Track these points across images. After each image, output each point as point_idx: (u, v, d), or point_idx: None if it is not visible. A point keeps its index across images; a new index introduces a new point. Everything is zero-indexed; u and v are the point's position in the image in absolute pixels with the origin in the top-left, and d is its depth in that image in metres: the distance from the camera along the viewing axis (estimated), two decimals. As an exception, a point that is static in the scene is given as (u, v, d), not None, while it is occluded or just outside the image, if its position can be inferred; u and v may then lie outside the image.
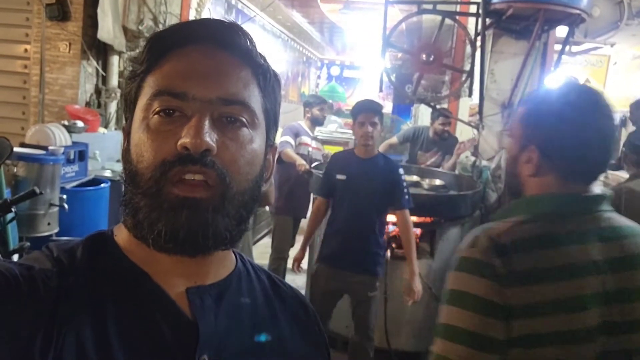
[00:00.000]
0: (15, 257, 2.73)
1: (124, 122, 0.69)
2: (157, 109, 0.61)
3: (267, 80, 0.67)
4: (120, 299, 0.60)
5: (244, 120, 0.63)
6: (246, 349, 0.66)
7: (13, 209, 2.24)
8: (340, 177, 3.02)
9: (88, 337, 0.55)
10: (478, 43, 3.94)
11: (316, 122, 4.75)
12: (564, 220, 1.08)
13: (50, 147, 3.41)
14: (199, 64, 0.62)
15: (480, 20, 3.89)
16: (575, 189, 1.11)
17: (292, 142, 4.48)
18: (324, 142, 6.91)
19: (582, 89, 1.21)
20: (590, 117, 1.09)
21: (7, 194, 3.29)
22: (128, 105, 0.66)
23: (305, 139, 4.60)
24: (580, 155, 1.10)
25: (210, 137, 0.59)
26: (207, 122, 0.59)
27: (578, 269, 1.03)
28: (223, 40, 0.64)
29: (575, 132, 1.09)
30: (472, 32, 4.11)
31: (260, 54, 0.67)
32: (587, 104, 1.11)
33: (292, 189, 4.44)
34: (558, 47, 4.18)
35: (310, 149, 4.61)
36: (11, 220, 2.34)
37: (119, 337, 0.57)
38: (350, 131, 9.11)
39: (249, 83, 0.65)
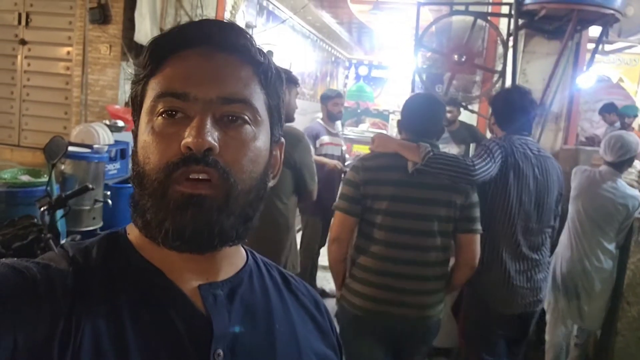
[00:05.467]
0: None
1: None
2: (161, 110, 0.62)
3: (269, 77, 0.68)
4: (135, 295, 0.62)
5: (246, 118, 0.64)
6: (259, 343, 0.67)
7: (68, 204, 2.37)
8: None
9: (104, 334, 0.57)
10: (510, 43, 3.95)
11: (332, 117, 4.67)
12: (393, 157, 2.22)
13: (95, 146, 3.56)
14: (198, 66, 0.63)
15: (512, 21, 3.91)
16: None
17: (312, 147, 4.49)
18: (354, 141, 6.90)
19: (426, 96, 2.67)
20: (425, 106, 2.32)
21: (56, 190, 3.45)
22: (135, 108, 0.68)
23: (325, 138, 4.56)
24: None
25: (212, 136, 0.60)
26: (208, 122, 0.61)
27: (393, 182, 2.18)
28: (221, 41, 0.65)
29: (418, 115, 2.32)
30: (504, 32, 4.12)
31: (260, 51, 0.68)
32: (423, 99, 2.42)
33: (320, 192, 4.46)
34: (591, 46, 4.15)
35: (343, 148, 4.61)
36: (64, 215, 2.47)
37: (135, 333, 0.59)
38: (380, 130, 9.14)
39: (250, 81, 0.66)
